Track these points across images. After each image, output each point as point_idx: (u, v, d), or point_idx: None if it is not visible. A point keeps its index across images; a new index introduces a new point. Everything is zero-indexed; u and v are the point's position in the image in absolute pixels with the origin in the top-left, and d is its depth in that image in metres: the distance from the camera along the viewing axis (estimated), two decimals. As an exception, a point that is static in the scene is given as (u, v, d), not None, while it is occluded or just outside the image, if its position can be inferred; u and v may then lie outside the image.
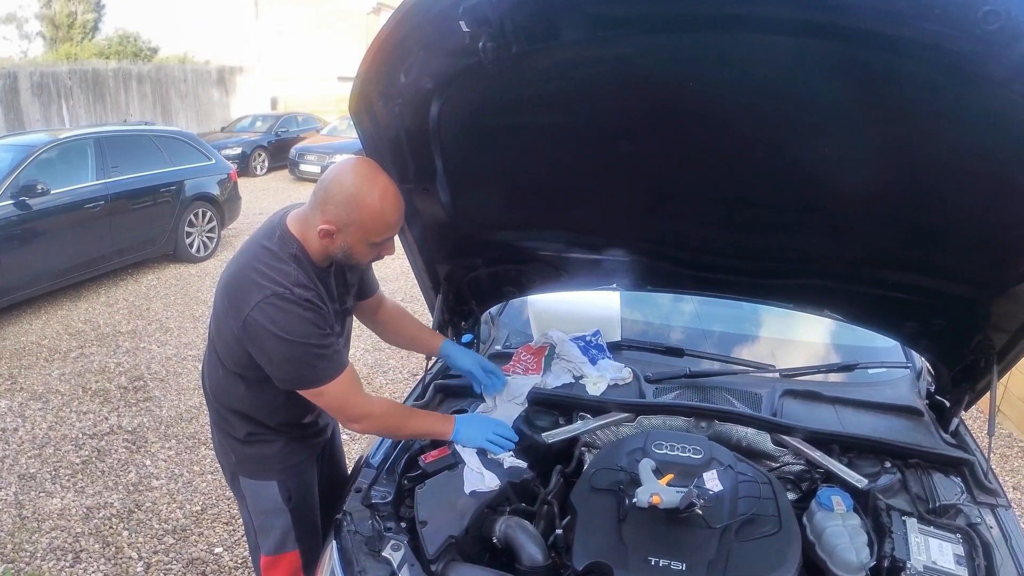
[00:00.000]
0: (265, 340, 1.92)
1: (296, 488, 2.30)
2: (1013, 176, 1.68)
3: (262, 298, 1.90)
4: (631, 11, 1.55)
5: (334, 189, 1.92)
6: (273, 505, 2.29)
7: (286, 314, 1.90)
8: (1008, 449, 5.15)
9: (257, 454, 2.24)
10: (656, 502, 1.79)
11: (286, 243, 2.00)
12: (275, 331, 1.90)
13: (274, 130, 19.27)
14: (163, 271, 9.22)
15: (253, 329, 1.92)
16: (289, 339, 1.90)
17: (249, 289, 1.93)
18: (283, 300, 1.90)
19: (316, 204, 1.95)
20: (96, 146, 8.31)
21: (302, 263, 1.99)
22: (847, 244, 2.15)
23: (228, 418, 2.22)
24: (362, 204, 1.91)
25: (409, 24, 1.66)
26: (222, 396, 2.20)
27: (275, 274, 1.94)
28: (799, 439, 2.29)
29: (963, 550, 1.88)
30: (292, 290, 1.92)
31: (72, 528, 3.99)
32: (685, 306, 3.34)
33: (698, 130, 1.85)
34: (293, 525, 2.31)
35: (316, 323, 1.94)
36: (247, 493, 2.32)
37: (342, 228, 1.93)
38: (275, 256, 1.98)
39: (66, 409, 5.41)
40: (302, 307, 1.91)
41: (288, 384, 2.03)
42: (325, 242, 1.97)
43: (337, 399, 2.04)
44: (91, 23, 33.63)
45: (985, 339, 2.22)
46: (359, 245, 1.98)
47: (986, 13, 1.28)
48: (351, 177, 1.92)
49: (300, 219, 2.03)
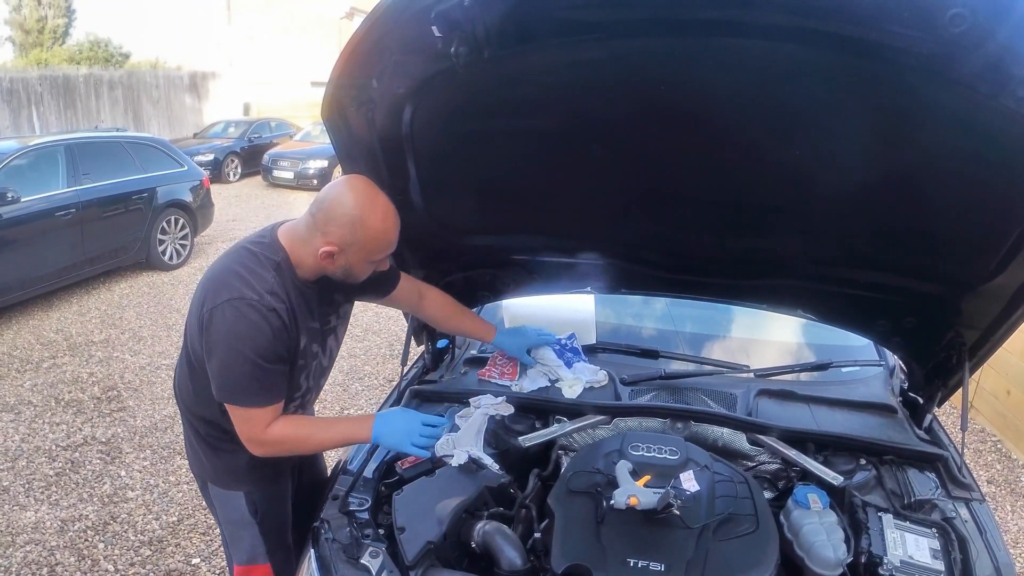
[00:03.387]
0: (217, 340, 1.91)
1: (263, 501, 2.27)
2: (982, 175, 1.71)
3: (229, 297, 1.89)
4: (602, 16, 1.56)
5: (336, 211, 1.91)
6: (240, 516, 2.26)
7: (246, 321, 1.88)
8: (981, 444, 5.21)
9: (225, 464, 2.20)
10: (634, 503, 1.79)
11: (273, 251, 1.99)
12: (229, 334, 1.89)
13: (247, 136, 19.11)
14: (136, 279, 9.12)
15: (211, 324, 1.91)
16: (237, 347, 1.89)
17: (222, 286, 1.92)
18: (247, 306, 1.88)
19: (315, 225, 1.94)
20: (67, 153, 8.21)
21: (283, 273, 1.97)
22: (820, 245, 2.17)
23: (197, 425, 2.20)
24: (366, 225, 1.90)
25: (381, 29, 1.65)
26: (190, 401, 2.18)
27: (251, 277, 1.92)
28: (775, 438, 2.31)
29: (939, 544, 1.91)
30: (263, 297, 1.90)
31: (47, 542, 3.93)
32: (660, 308, 3.35)
33: (671, 133, 1.86)
34: (262, 538, 2.27)
35: (271, 338, 1.91)
36: (216, 502, 2.30)
37: (344, 249, 1.93)
38: (257, 261, 1.97)
39: (39, 420, 5.34)
40: (265, 317, 1.89)
41: (219, 393, 1.99)
42: (325, 263, 1.96)
43: (248, 423, 2.01)
44: (62, 28, 33.23)
45: (956, 336, 2.25)
46: (360, 264, 1.98)
47: (952, 16, 1.30)
48: (352, 198, 1.91)
49: (293, 234, 2.01)
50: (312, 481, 2.53)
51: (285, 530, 2.34)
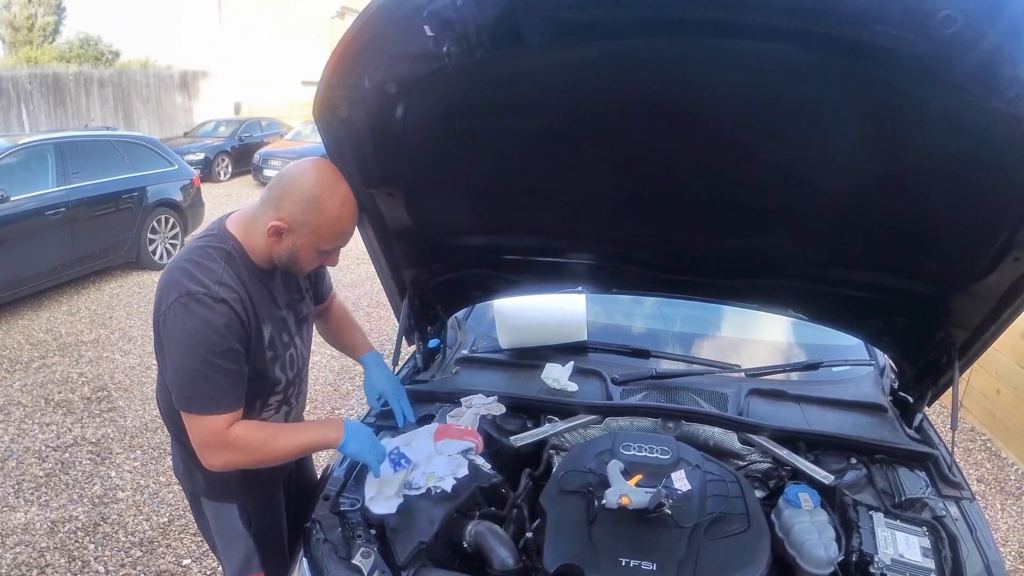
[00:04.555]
0: (171, 342, 1.83)
1: (258, 512, 2.21)
2: (972, 176, 1.72)
3: (176, 296, 1.81)
4: (595, 17, 1.56)
5: (294, 187, 1.88)
6: (234, 528, 2.20)
7: (194, 317, 1.79)
8: (971, 443, 5.24)
9: (218, 476, 2.10)
10: (625, 503, 1.80)
11: (221, 240, 1.93)
12: (179, 333, 1.80)
13: (237, 135, 19.06)
14: (126, 279, 9.09)
15: (164, 327, 1.84)
16: (189, 345, 1.80)
17: (170, 287, 1.84)
18: (195, 301, 1.80)
19: (269, 200, 1.90)
20: (57, 152, 8.17)
21: (234, 262, 1.91)
22: (811, 245, 2.17)
23: (185, 440, 2.05)
24: (322, 207, 1.87)
25: (373, 28, 1.65)
26: (174, 414, 2.03)
27: (198, 271, 1.85)
28: (766, 437, 2.32)
29: (929, 542, 1.92)
30: (210, 288, 1.82)
31: (37, 543, 3.91)
32: (651, 307, 3.36)
33: (663, 134, 1.86)
34: (256, 548, 2.22)
35: (223, 332, 1.82)
36: (209, 515, 2.24)
37: (294, 228, 1.88)
38: (205, 253, 1.90)
39: (28, 421, 5.31)
40: (214, 310, 1.80)
41: (176, 400, 1.88)
42: (272, 241, 1.90)
43: (204, 430, 1.87)
44: (51, 26, 33.02)
45: (946, 336, 2.26)
46: (307, 250, 1.93)
47: (944, 17, 1.31)
48: (314, 177, 1.88)
49: (243, 218, 1.97)
50: (303, 490, 2.46)
51: (280, 539, 2.30)
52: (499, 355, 2.97)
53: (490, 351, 3.00)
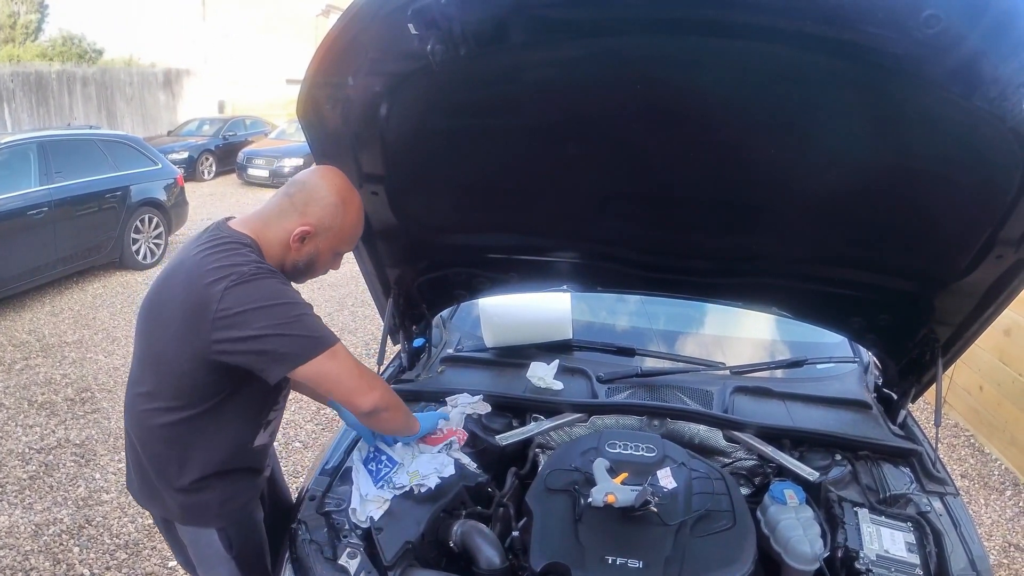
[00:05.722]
0: (249, 321, 1.71)
1: (238, 534, 2.10)
2: (955, 174, 1.73)
3: (227, 286, 1.71)
4: (578, 15, 1.56)
5: (318, 194, 1.88)
6: (214, 552, 2.09)
7: (260, 287, 1.73)
8: (955, 439, 5.28)
9: (197, 502, 2.00)
10: (611, 501, 1.80)
11: (237, 238, 1.85)
12: (256, 305, 1.72)
13: (221, 134, 18.96)
14: (109, 279, 9.02)
15: (231, 320, 1.71)
16: (272, 303, 1.73)
17: (209, 289, 1.72)
18: (252, 275, 1.74)
19: (293, 206, 1.88)
20: (39, 151, 8.08)
21: (259, 254, 1.84)
22: (795, 243, 2.19)
23: (159, 464, 1.98)
24: (347, 211, 1.90)
25: (357, 26, 1.64)
26: (158, 442, 1.95)
27: (231, 260, 1.76)
28: (751, 435, 2.33)
29: (914, 538, 1.94)
30: (259, 263, 1.78)
31: (21, 546, 3.87)
32: (636, 305, 3.37)
33: (647, 132, 1.87)
34: (239, 570, 2.12)
35: (289, 288, 1.81)
36: (186, 540, 2.13)
37: (320, 232, 1.89)
38: (228, 247, 1.81)
39: (11, 423, 5.26)
40: (273, 275, 1.78)
41: (290, 361, 1.76)
42: (295, 245, 1.89)
43: (346, 367, 1.82)
44: (34, 24, 32.68)
45: (930, 333, 2.28)
46: (327, 253, 1.95)
47: (927, 17, 1.32)
48: (336, 184, 1.90)
49: (257, 221, 1.91)
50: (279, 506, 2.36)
51: (262, 557, 2.21)
52: (484, 354, 2.97)
53: (475, 350, 3.00)
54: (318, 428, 5.14)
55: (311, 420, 5.24)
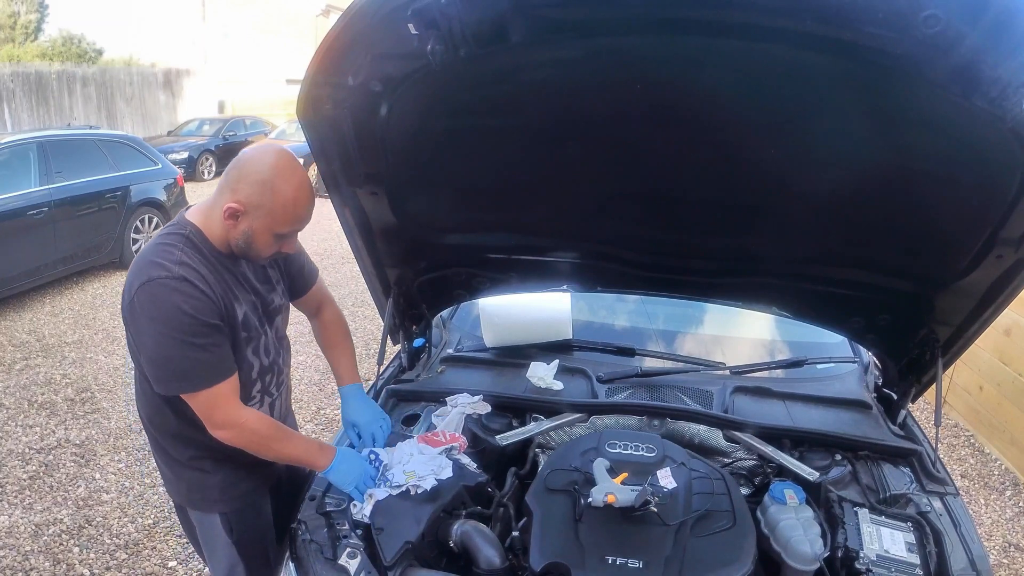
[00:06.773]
0: (142, 332, 1.85)
1: (240, 521, 2.19)
2: (955, 174, 1.73)
3: (139, 285, 1.82)
4: (578, 15, 1.56)
5: (250, 169, 1.89)
6: (217, 537, 2.19)
7: (159, 303, 1.81)
8: (955, 439, 5.28)
9: (198, 483, 2.14)
10: (611, 501, 1.80)
11: (179, 227, 1.96)
12: (149, 320, 1.82)
13: (221, 134, 18.95)
14: (109, 279, 9.01)
15: (132, 317, 1.86)
16: (163, 331, 1.82)
17: (134, 277, 1.86)
18: (158, 286, 1.81)
19: (226, 184, 1.91)
20: (39, 151, 8.08)
21: (192, 244, 1.93)
22: (794, 243, 2.18)
23: (165, 444, 2.12)
24: (277, 189, 1.88)
25: (357, 26, 1.64)
26: (156, 419, 2.10)
27: (157, 257, 1.86)
28: (751, 435, 2.33)
29: (914, 538, 1.94)
30: (170, 270, 1.83)
31: (21, 546, 3.88)
32: (636, 305, 3.36)
33: (646, 132, 1.87)
34: (240, 557, 2.20)
35: (191, 311, 1.82)
36: (196, 524, 2.25)
37: (250, 211, 1.89)
38: (162, 240, 1.93)
39: (11, 423, 5.26)
40: (178, 290, 1.81)
41: (163, 385, 1.90)
42: (228, 224, 1.91)
43: (207, 404, 1.91)
44: (34, 24, 32.69)
45: (930, 333, 2.28)
46: (263, 234, 1.93)
47: (926, 17, 1.31)
48: (270, 160, 1.90)
49: (202, 206, 2.00)
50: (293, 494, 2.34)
51: (265, 548, 2.27)
52: (484, 354, 2.97)
53: (475, 350, 3.00)
54: (318, 428, 5.14)
55: (311, 420, 5.25)
